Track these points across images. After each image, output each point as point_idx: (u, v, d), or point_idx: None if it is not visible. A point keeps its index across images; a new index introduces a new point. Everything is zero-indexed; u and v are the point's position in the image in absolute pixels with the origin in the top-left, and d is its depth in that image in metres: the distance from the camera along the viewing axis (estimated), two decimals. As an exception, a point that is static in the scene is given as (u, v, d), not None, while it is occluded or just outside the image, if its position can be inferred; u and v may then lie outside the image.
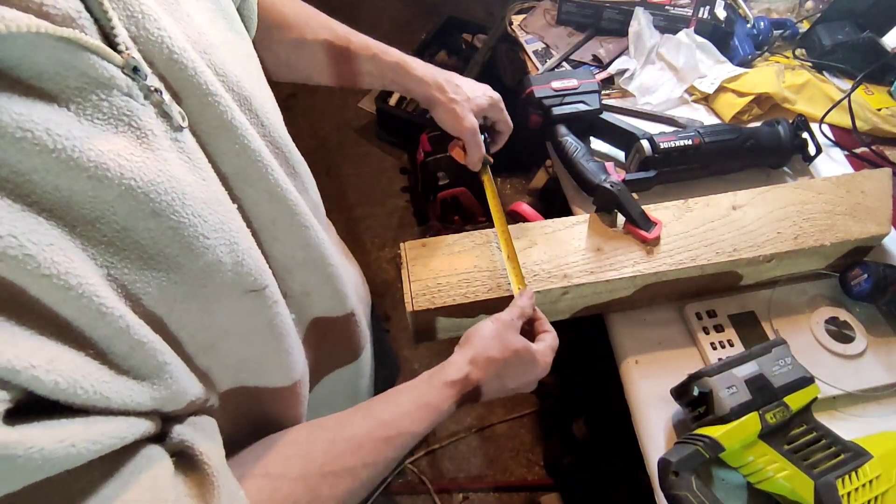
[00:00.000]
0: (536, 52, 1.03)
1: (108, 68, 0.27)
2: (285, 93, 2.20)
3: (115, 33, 0.27)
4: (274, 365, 0.41)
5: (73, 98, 0.26)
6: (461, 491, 1.35)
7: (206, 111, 0.33)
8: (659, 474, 0.53)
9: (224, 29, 0.38)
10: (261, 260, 0.37)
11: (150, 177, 0.28)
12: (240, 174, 0.36)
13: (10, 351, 0.23)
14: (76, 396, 0.25)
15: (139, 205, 0.28)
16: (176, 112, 0.31)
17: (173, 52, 0.30)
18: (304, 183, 0.46)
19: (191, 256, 0.31)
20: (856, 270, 0.66)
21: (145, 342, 0.29)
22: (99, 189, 0.26)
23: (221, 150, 0.34)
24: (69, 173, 0.25)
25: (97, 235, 0.27)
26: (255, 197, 0.37)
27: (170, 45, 0.30)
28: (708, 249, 0.64)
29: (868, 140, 0.86)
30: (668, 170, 0.76)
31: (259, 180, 0.37)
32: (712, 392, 0.55)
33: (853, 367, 0.63)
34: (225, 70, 0.35)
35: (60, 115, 0.25)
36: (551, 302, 0.64)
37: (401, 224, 1.85)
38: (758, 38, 0.97)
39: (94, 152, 0.26)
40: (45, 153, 0.24)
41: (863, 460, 0.53)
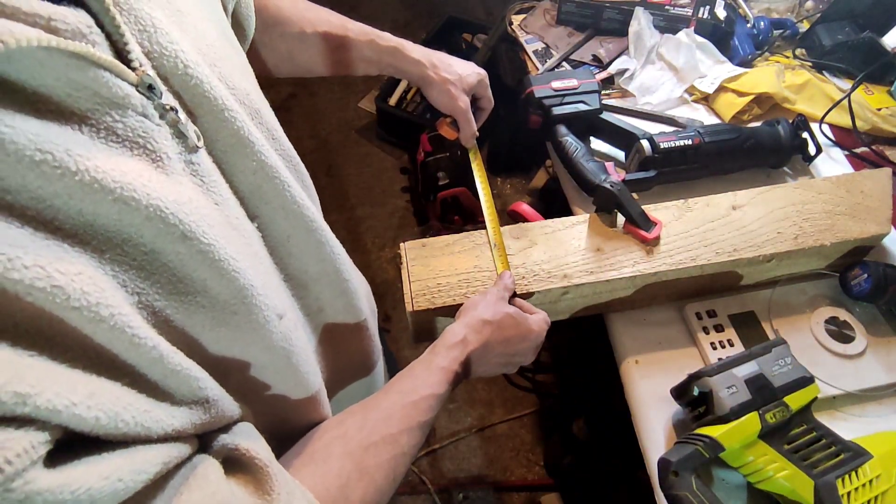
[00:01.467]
0: (536, 52, 1.03)
1: (122, 87, 0.26)
2: (285, 93, 2.21)
3: (129, 49, 0.26)
4: (290, 383, 0.41)
5: (87, 119, 0.25)
6: (461, 491, 1.35)
7: (222, 128, 0.32)
8: (659, 474, 0.53)
9: (222, 38, 0.37)
10: (279, 285, 0.37)
11: (174, 197, 0.27)
12: (256, 192, 0.35)
13: (50, 389, 0.21)
14: (117, 430, 0.24)
15: (168, 227, 0.27)
16: (192, 132, 0.29)
17: (188, 67, 0.29)
18: (312, 197, 0.45)
19: (222, 281, 0.30)
20: (856, 270, 0.66)
21: (180, 370, 0.28)
22: (125, 212, 0.25)
23: (238, 169, 0.33)
24: (94, 196, 0.24)
25: (126, 260, 0.26)
26: (271, 214, 0.37)
27: (184, 60, 0.29)
28: (708, 249, 0.64)
29: (868, 140, 0.86)
30: (668, 170, 0.76)
31: (275, 197, 0.36)
32: (712, 392, 0.55)
33: (853, 367, 0.63)
34: (234, 83, 0.34)
35: (77, 136, 0.24)
36: (551, 302, 0.64)
37: (401, 224, 1.85)
38: (758, 37, 0.97)
39: (117, 173, 0.25)
40: (67, 176, 0.23)
41: (863, 460, 0.53)
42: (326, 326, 0.47)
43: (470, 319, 0.52)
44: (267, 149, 0.35)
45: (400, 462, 0.41)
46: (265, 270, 0.35)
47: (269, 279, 0.35)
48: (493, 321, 0.52)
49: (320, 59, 0.62)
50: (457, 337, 0.50)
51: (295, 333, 0.38)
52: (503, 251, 0.63)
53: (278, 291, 0.37)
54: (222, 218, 0.31)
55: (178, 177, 0.28)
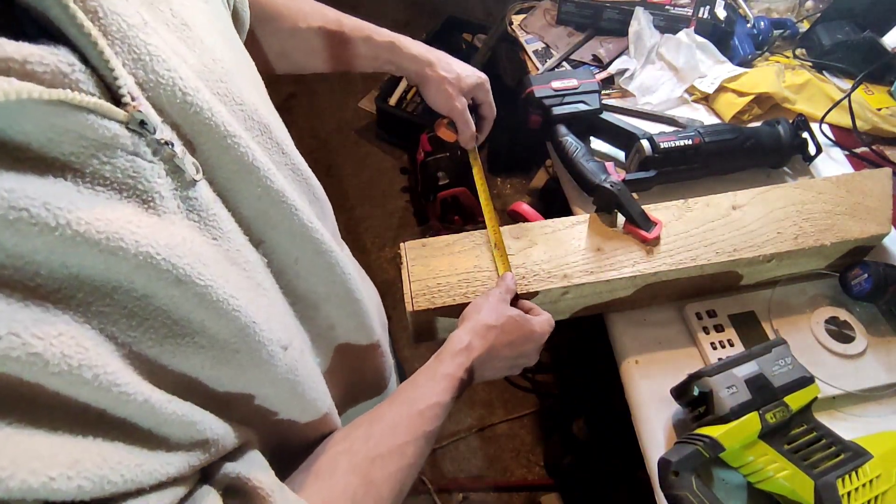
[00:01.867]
0: (536, 52, 1.03)
1: (109, 127, 0.24)
2: (285, 93, 2.21)
3: (119, 84, 0.24)
4: (297, 410, 0.40)
5: (71, 165, 0.23)
6: (461, 491, 1.35)
7: (224, 155, 0.30)
8: (659, 474, 0.53)
9: (229, 49, 0.36)
10: (286, 312, 0.36)
11: (166, 241, 0.26)
12: (261, 217, 0.34)
13: (25, 467, 0.20)
14: (104, 492, 0.23)
15: (160, 273, 0.25)
16: (189, 165, 0.28)
17: (187, 95, 0.28)
18: (324, 209, 0.44)
19: (221, 321, 0.29)
20: (856, 270, 0.66)
21: (175, 417, 0.27)
22: (113, 262, 0.24)
23: (242, 195, 0.32)
24: (77, 250, 0.23)
25: (115, 309, 0.25)
26: (277, 238, 0.35)
27: (182, 88, 0.27)
28: (708, 249, 0.64)
29: (868, 140, 0.86)
30: (668, 170, 0.76)
31: (282, 221, 0.35)
32: (712, 392, 0.55)
33: (853, 367, 0.63)
34: (243, 98, 0.33)
35: (58, 186, 0.22)
36: (551, 302, 0.64)
37: (401, 224, 1.85)
38: (758, 37, 0.97)
39: (101, 223, 0.23)
40: (46, 232, 0.21)
41: (863, 460, 0.53)
42: (338, 347, 0.46)
43: (474, 324, 0.51)
44: (273, 172, 0.33)
45: (407, 473, 0.41)
46: (269, 301, 0.34)
47: (273, 309, 0.34)
48: (496, 325, 0.51)
49: (316, 55, 0.61)
50: (461, 343, 0.49)
51: (301, 361, 0.37)
52: (503, 251, 0.63)
53: (284, 320, 0.36)
54: (221, 254, 0.30)
55: (172, 216, 0.27)
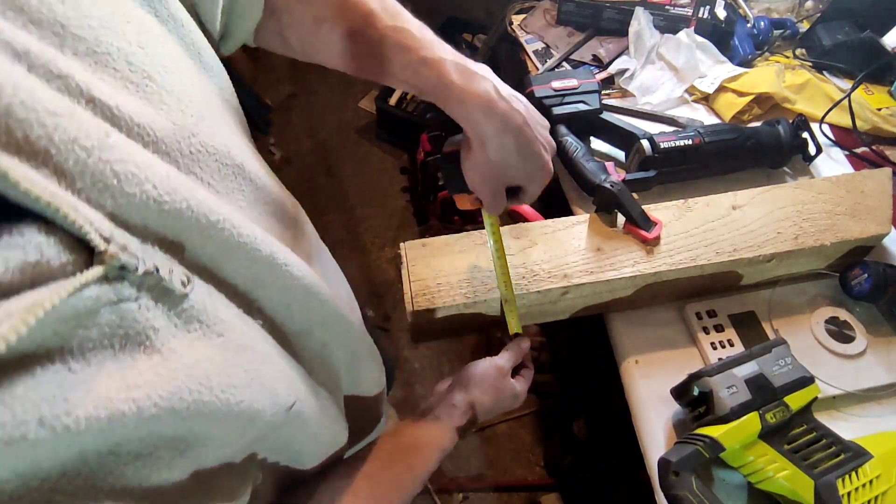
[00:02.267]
0: (536, 52, 1.03)
1: (88, 295, 0.22)
2: (285, 93, 2.21)
3: (89, 239, 0.22)
4: (300, 460, 0.41)
5: (56, 347, 0.21)
6: (461, 491, 1.35)
7: (211, 243, 0.29)
8: (659, 474, 0.53)
9: (201, 85, 0.32)
10: (290, 368, 0.36)
11: (168, 389, 0.24)
12: (251, 281, 0.33)
13: None
14: None
15: (161, 423, 0.24)
16: (178, 282, 0.26)
17: (163, 204, 0.25)
18: (300, 226, 0.43)
19: (227, 425, 0.29)
20: (856, 270, 0.66)
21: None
22: (113, 432, 0.23)
23: (230, 267, 0.31)
24: (74, 446, 0.22)
25: (120, 462, 0.24)
26: (270, 294, 0.35)
27: (156, 197, 0.25)
28: (708, 249, 0.64)
29: (868, 140, 0.86)
30: (668, 170, 0.76)
31: (273, 281, 0.34)
32: (712, 392, 0.55)
33: (853, 367, 0.63)
34: (215, 144, 0.30)
35: (48, 377, 0.21)
36: (551, 302, 0.64)
37: (401, 224, 1.85)
38: (758, 37, 0.97)
39: (91, 405, 0.22)
40: (49, 443, 0.20)
41: (863, 460, 0.53)
42: (346, 399, 0.47)
43: (475, 401, 0.54)
44: (261, 241, 0.32)
45: None
46: (274, 367, 0.34)
47: (279, 374, 0.34)
48: (490, 404, 0.55)
49: (338, 59, 0.47)
50: (465, 418, 0.53)
51: (309, 409, 0.37)
52: (514, 308, 0.60)
53: (289, 375, 0.36)
54: (229, 349, 0.29)
55: (171, 343, 0.26)
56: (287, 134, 2.10)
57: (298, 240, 0.42)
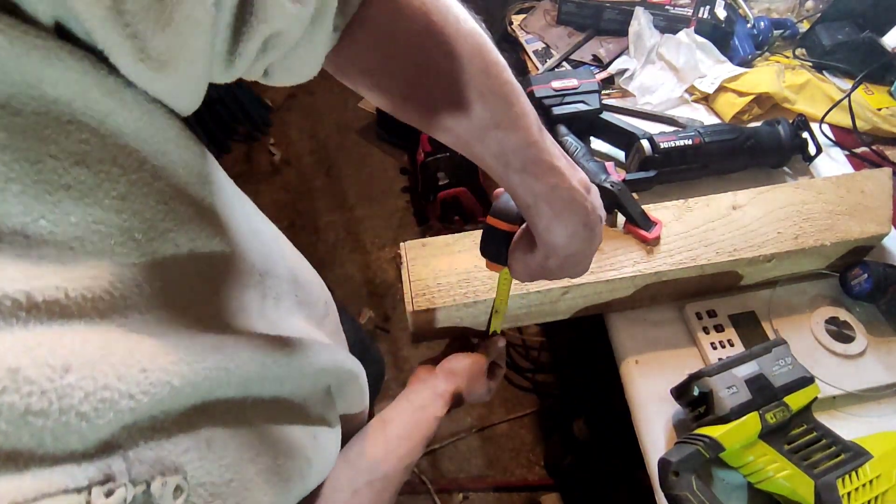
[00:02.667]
0: (536, 52, 1.03)
1: None
2: (285, 93, 2.20)
3: None
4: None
5: None
6: (461, 491, 1.35)
7: None
8: (659, 474, 0.53)
9: None
10: None
11: None
12: None
13: None
14: None
15: None
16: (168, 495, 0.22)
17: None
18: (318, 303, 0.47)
19: None
20: (856, 270, 0.66)
21: None
22: None
23: None
24: None
25: None
26: None
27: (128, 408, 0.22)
28: (708, 249, 0.64)
29: (868, 140, 0.86)
30: (668, 170, 0.76)
31: None
32: (712, 392, 0.55)
33: (853, 367, 0.63)
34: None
35: None
36: (551, 302, 0.64)
37: (401, 224, 1.85)
38: (758, 37, 0.97)
39: None
40: None
41: (863, 460, 0.53)
42: None
43: (458, 389, 0.58)
44: None
45: None
46: None
47: None
48: (467, 393, 0.59)
49: None
50: (447, 406, 0.56)
51: None
52: (502, 316, 0.60)
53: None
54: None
55: None
56: (287, 134, 2.10)
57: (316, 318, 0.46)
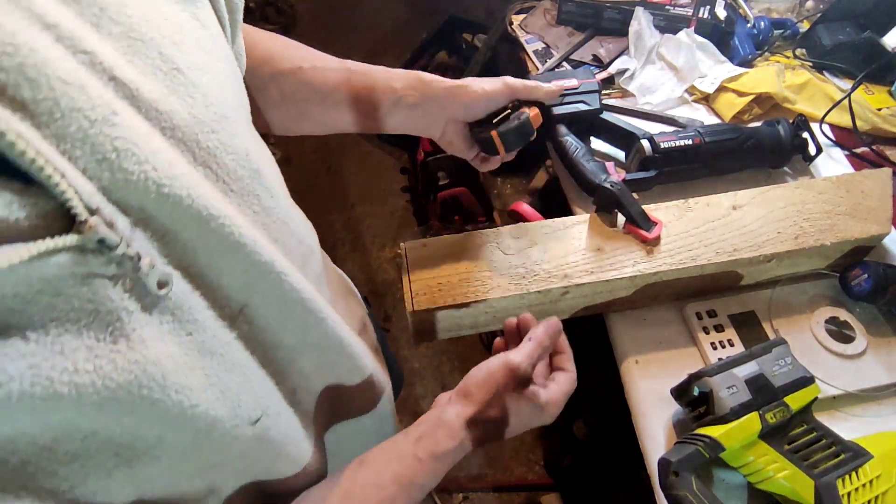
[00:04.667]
0: (536, 51, 1.03)
1: (54, 264, 0.21)
2: (285, 93, 2.20)
3: (71, 205, 0.21)
4: (274, 468, 0.38)
5: (9, 314, 0.21)
6: (461, 491, 1.35)
7: (208, 239, 0.28)
8: (659, 474, 0.53)
9: (226, 86, 0.32)
10: (261, 382, 0.34)
11: (117, 380, 0.24)
12: (246, 286, 0.32)
13: None
14: None
15: (108, 413, 0.24)
16: (153, 282, 0.25)
17: (161, 187, 0.25)
18: (311, 248, 0.42)
19: (179, 431, 0.28)
20: (856, 270, 0.66)
21: None
22: (49, 418, 0.22)
23: (225, 271, 0.30)
24: (4, 426, 0.21)
25: (54, 460, 0.23)
26: (262, 302, 0.34)
27: (156, 180, 0.25)
28: (708, 249, 0.64)
29: (868, 140, 0.86)
30: (668, 170, 0.76)
31: (269, 289, 0.33)
32: (712, 392, 0.55)
33: (853, 367, 0.63)
34: (234, 145, 0.30)
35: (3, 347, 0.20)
36: (551, 302, 0.64)
37: (401, 224, 1.85)
38: (758, 37, 0.97)
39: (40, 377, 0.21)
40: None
41: (863, 460, 0.53)
42: (325, 390, 0.43)
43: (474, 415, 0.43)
44: (261, 244, 0.31)
45: None
46: (242, 378, 0.32)
47: (246, 385, 0.33)
48: (498, 418, 0.44)
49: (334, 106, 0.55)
50: (452, 441, 0.42)
51: (276, 425, 0.36)
52: None
53: (258, 390, 0.34)
54: (194, 348, 0.28)
55: (141, 331, 0.25)
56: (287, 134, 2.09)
57: (308, 263, 0.41)
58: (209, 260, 0.29)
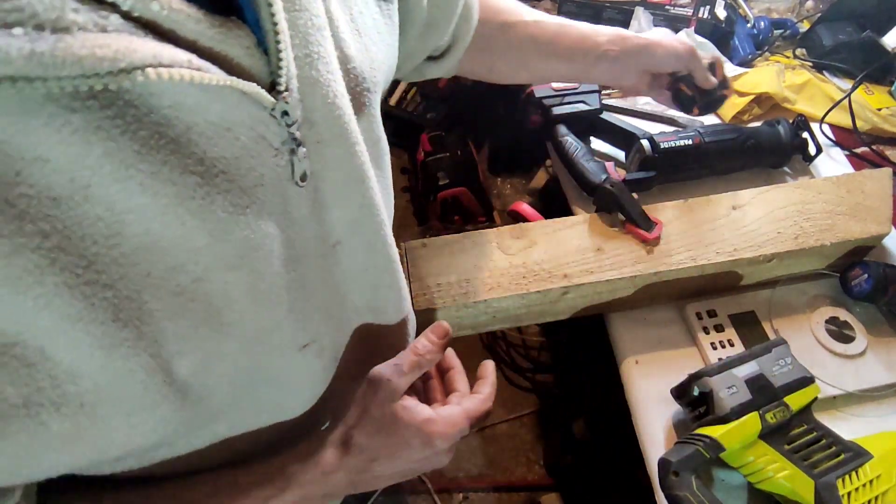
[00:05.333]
0: (536, 51, 1.03)
1: (247, 109, 0.25)
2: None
3: (280, 74, 0.25)
4: (299, 405, 0.38)
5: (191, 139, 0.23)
6: (461, 491, 1.35)
7: (345, 160, 0.32)
8: (659, 474, 0.53)
9: (384, 55, 0.37)
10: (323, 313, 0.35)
11: (244, 233, 0.27)
12: (351, 222, 0.34)
13: None
14: None
15: (219, 259, 0.26)
16: (300, 170, 0.29)
17: (337, 98, 0.29)
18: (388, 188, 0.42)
19: (255, 313, 0.29)
20: (856, 270, 0.66)
21: None
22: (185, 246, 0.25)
23: (344, 202, 0.33)
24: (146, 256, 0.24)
25: (169, 287, 0.25)
26: (356, 244, 0.35)
27: (335, 91, 0.29)
28: (708, 249, 0.64)
29: (868, 140, 0.86)
30: (668, 170, 0.76)
31: (367, 231, 0.36)
32: (712, 392, 0.55)
33: (853, 367, 0.63)
34: (375, 112, 0.36)
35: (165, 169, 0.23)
36: (551, 302, 0.64)
37: (401, 224, 1.85)
38: (758, 37, 0.97)
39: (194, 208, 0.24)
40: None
41: (863, 460, 0.53)
42: (360, 320, 0.41)
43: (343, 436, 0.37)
44: (375, 186, 0.35)
45: None
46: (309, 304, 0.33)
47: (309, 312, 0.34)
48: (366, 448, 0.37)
49: (535, 49, 0.62)
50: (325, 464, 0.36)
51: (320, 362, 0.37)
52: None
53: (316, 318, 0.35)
54: (287, 253, 0.30)
55: (258, 208, 0.27)
56: (287, 134, 2.09)
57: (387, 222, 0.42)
58: (339, 180, 0.32)
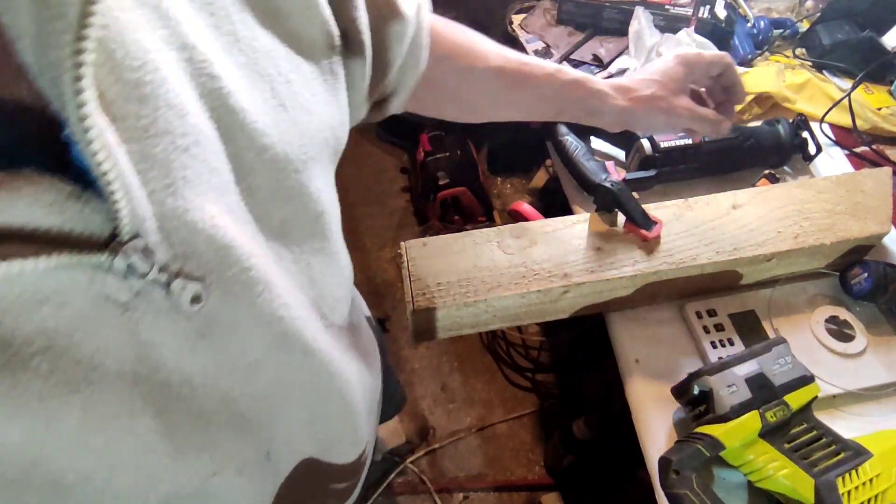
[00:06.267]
0: (536, 51, 1.03)
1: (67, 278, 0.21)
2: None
3: (119, 220, 0.20)
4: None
5: None
6: (461, 491, 1.35)
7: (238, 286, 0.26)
8: (659, 473, 0.53)
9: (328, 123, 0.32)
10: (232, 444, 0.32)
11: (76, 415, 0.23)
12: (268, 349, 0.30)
13: None
14: None
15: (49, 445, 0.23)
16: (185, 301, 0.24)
17: (212, 219, 0.24)
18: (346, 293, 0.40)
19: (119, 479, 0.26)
20: (856, 269, 0.66)
21: None
22: None
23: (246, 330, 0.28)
24: None
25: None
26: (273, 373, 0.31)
27: (209, 213, 0.24)
28: (708, 249, 0.64)
29: (868, 139, 0.86)
30: (668, 169, 0.76)
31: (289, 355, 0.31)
32: (712, 391, 0.55)
33: (853, 366, 0.63)
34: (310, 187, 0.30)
35: None
36: (551, 301, 0.64)
37: (401, 224, 1.85)
38: (758, 37, 0.98)
39: None
40: None
41: (863, 459, 0.53)
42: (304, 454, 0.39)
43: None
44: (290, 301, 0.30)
45: None
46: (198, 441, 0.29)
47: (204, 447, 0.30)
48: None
49: (491, 97, 0.56)
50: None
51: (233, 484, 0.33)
52: None
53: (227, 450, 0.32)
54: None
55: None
56: (287, 134, 2.09)
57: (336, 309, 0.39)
58: (237, 312, 0.27)
